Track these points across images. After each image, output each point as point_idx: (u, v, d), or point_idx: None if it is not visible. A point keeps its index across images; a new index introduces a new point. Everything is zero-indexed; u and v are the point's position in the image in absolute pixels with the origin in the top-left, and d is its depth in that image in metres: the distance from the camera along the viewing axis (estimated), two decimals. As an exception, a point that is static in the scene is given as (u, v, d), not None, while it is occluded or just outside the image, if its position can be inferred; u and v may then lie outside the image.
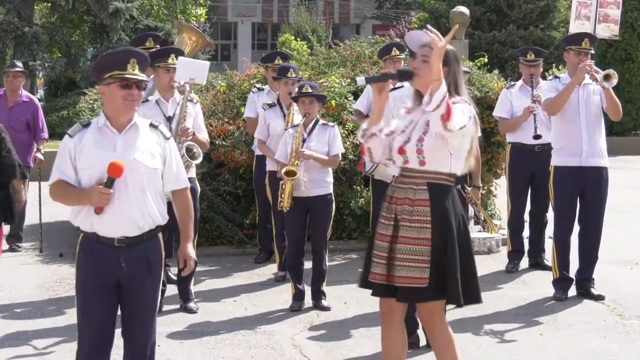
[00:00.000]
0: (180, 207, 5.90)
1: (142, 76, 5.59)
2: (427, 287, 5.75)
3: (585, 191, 9.10)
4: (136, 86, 5.54)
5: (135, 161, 5.54)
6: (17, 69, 11.86)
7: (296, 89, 9.15)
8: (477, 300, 6.02)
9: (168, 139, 5.79)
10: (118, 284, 5.60)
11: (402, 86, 7.82)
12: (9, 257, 11.33)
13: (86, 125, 5.63)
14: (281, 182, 8.80)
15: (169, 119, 8.63)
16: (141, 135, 5.64)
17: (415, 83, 5.93)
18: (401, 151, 5.84)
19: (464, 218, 5.99)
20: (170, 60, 8.65)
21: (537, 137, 9.98)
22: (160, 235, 5.77)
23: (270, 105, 9.95)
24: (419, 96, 5.91)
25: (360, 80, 6.22)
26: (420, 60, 5.89)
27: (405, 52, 10.28)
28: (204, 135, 8.86)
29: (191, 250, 5.91)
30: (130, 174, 5.51)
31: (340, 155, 9.05)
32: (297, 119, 9.07)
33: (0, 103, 11.74)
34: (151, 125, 5.75)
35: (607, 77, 8.75)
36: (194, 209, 8.72)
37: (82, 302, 5.65)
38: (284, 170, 8.69)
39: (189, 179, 8.58)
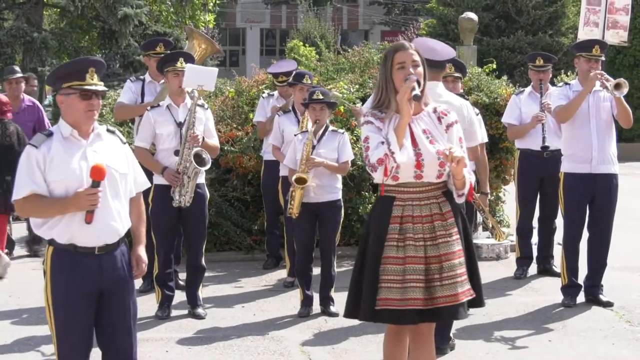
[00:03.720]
0: (136, 211, 5.79)
1: (101, 86, 5.51)
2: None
3: (595, 198, 9.08)
4: (96, 96, 5.46)
5: (109, 168, 5.46)
6: (18, 75, 11.88)
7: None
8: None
9: (124, 143, 5.75)
10: (100, 293, 5.51)
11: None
12: (19, 263, 11.35)
13: (49, 135, 5.48)
14: (291, 188, 8.80)
15: (180, 125, 8.64)
16: (104, 141, 5.59)
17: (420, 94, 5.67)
18: (419, 166, 5.59)
19: None
20: (178, 64, 8.64)
21: (544, 147, 9.98)
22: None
23: (285, 112, 9.98)
24: (385, 102, 5.71)
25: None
26: (413, 64, 5.62)
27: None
28: (214, 141, 8.87)
29: (143, 253, 5.81)
30: (107, 181, 5.44)
31: (350, 162, 9.06)
32: (311, 125, 9.10)
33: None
34: (108, 130, 5.68)
35: (617, 86, 8.74)
36: (203, 215, 8.80)
37: (63, 319, 5.47)
38: (294, 177, 8.70)
39: (199, 184, 8.67)
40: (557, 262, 9.99)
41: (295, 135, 9.12)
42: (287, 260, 10.19)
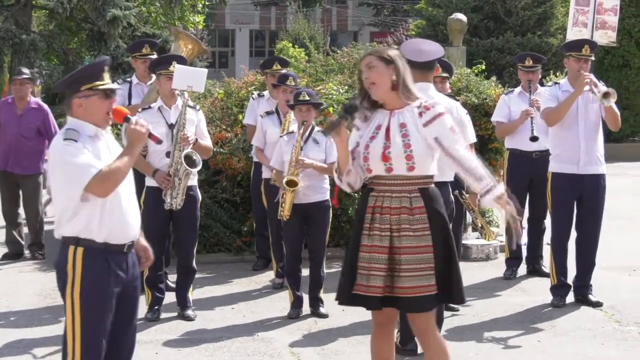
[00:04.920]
0: None
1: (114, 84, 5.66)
2: (433, 294, 5.74)
3: (583, 198, 9.10)
4: (113, 94, 5.53)
5: None
6: (24, 76, 11.81)
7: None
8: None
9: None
10: (120, 291, 5.52)
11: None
12: (7, 265, 11.33)
13: (78, 131, 5.45)
14: (281, 191, 8.78)
15: (171, 126, 8.64)
16: (111, 138, 5.65)
17: (376, 95, 5.86)
18: (385, 159, 5.78)
19: (449, 218, 6.05)
20: (172, 68, 8.66)
21: (533, 138, 9.95)
22: None
23: (268, 113, 9.97)
24: (368, 102, 5.91)
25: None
26: (367, 68, 5.86)
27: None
28: (206, 142, 8.88)
29: (146, 242, 5.84)
30: (128, 177, 5.52)
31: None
32: (293, 127, 9.08)
33: (9, 111, 11.69)
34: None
35: (605, 95, 8.75)
36: (195, 217, 8.80)
37: (94, 320, 5.42)
38: (285, 180, 8.69)
39: (191, 187, 8.67)
40: (547, 262, 10.00)
41: (280, 136, 9.12)
42: (273, 261, 10.19)
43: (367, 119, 5.91)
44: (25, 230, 12.00)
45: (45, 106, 11.99)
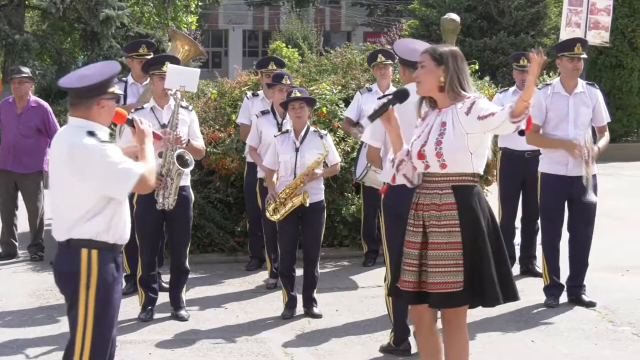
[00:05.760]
0: None
1: None
2: (462, 291, 5.78)
3: (574, 198, 9.09)
4: None
5: None
6: (24, 75, 11.79)
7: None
8: (514, 297, 6.11)
9: None
10: None
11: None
12: (1, 265, 11.30)
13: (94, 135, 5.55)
14: (295, 199, 8.75)
15: (164, 127, 8.63)
16: None
17: (420, 91, 6.02)
18: (420, 156, 5.89)
19: (493, 217, 6.04)
20: (164, 68, 8.65)
21: (522, 132, 9.93)
22: None
23: (264, 113, 9.95)
24: (428, 100, 6.04)
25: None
26: (419, 67, 6.00)
27: (395, 60, 10.29)
28: (199, 142, 8.87)
29: None
30: None
31: (339, 164, 9.10)
32: (287, 126, 9.09)
33: (9, 110, 11.67)
34: None
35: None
36: (188, 217, 8.80)
37: (109, 320, 5.52)
38: (302, 197, 8.68)
39: (184, 187, 8.66)
40: (540, 262, 10.00)
41: (275, 136, 9.10)
42: (267, 262, 10.18)
43: (425, 118, 6.04)
44: (21, 230, 11.97)
45: (45, 104, 11.93)
